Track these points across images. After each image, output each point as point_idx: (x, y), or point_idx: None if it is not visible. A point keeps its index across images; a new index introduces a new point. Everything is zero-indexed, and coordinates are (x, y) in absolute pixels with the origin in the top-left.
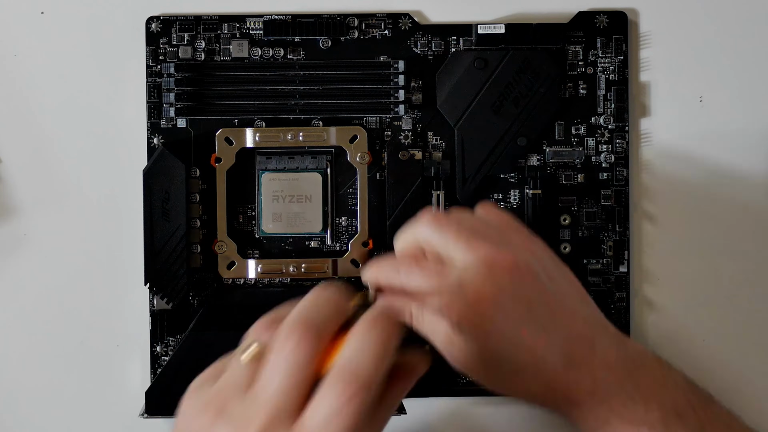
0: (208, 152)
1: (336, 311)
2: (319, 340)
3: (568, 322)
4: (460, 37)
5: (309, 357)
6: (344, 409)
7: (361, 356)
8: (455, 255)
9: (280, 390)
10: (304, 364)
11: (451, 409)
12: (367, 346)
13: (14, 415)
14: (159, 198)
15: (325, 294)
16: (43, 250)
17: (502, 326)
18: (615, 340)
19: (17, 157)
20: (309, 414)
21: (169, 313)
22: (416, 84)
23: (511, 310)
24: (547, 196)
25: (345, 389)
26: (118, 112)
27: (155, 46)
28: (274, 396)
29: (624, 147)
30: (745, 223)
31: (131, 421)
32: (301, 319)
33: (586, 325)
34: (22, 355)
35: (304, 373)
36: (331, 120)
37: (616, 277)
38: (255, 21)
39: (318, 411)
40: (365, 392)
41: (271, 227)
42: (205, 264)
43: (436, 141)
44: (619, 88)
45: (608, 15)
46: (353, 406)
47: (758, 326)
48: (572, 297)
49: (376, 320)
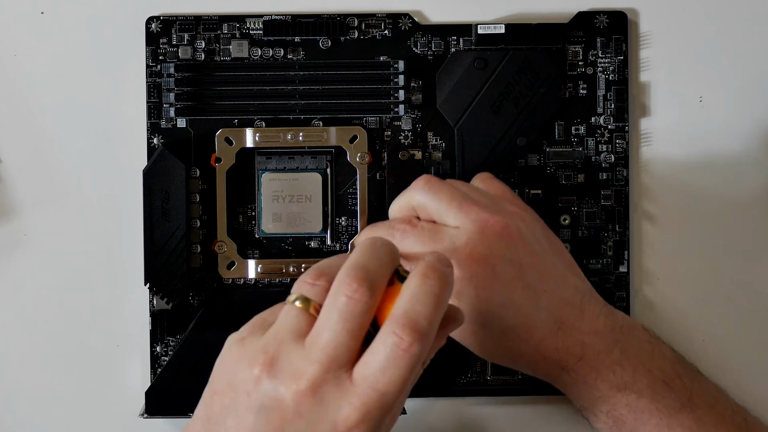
0: (208, 152)
1: (389, 262)
2: (374, 291)
3: (558, 288)
4: (460, 37)
5: (365, 306)
6: (401, 358)
7: (420, 306)
8: (448, 219)
9: (335, 339)
10: (360, 314)
11: (451, 409)
12: (424, 296)
13: (14, 415)
14: (159, 198)
15: (377, 245)
16: (43, 250)
17: (493, 287)
18: (604, 309)
19: (17, 157)
20: (364, 362)
21: (169, 313)
22: (416, 84)
23: (501, 271)
24: (547, 196)
25: (404, 338)
26: (118, 112)
27: (155, 46)
28: (330, 345)
29: (624, 147)
30: (745, 223)
31: (131, 421)
32: (357, 269)
33: (576, 293)
34: (22, 355)
35: (359, 322)
36: (331, 120)
37: (616, 277)
38: (255, 21)
39: (374, 359)
40: (423, 341)
41: (271, 227)
42: (205, 264)
43: (436, 141)
44: (619, 88)
45: (608, 15)
46: (410, 356)
47: (758, 326)
48: (562, 265)
49: (431, 270)
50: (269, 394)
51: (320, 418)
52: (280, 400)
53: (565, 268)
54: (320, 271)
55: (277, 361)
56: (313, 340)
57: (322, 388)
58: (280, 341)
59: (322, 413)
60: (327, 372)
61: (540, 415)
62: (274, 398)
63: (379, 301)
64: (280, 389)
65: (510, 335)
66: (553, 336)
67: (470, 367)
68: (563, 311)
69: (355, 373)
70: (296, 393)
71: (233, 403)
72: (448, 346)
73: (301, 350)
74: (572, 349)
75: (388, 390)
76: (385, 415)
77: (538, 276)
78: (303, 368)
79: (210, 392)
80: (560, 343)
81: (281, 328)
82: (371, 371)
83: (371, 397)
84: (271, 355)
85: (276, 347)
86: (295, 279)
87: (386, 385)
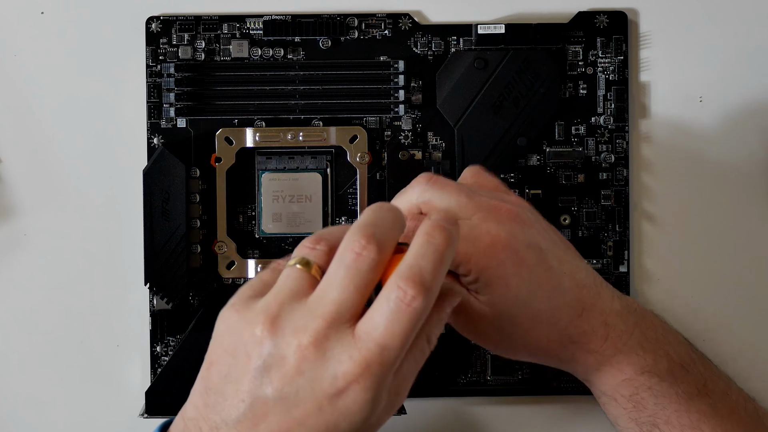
0: (208, 152)
1: (397, 225)
2: (381, 249)
3: (574, 270)
4: (460, 37)
5: (373, 263)
6: (405, 311)
7: (424, 261)
8: (459, 211)
9: (341, 294)
10: (367, 270)
11: (451, 409)
12: (429, 253)
13: (14, 415)
14: (159, 198)
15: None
16: (43, 250)
17: (520, 274)
18: (615, 292)
19: (17, 157)
20: (368, 317)
21: (169, 313)
22: (416, 84)
23: (525, 256)
24: (547, 196)
25: (408, 291)
26: (118, 112)
27: (155, 46)
28: (335, 300)
29: (624, 147)
30: (745, 223)
31: (131, 421)
32: (365, 229)
33: (589, 276)
34: (22, 355)
35: (366, 278)
36: (331, 120)
37: (616, 277)
38: (255, 21)
39: (378, 313)
40: (427, 296)
41: (271, 227)
42: (205, 264)
43: (436, 141)
44: (619, 88)
45: (608, 15)
46: (413, 310)
47: (758, 326)
48: (570, 250)
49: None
50: (271, 353)
51: (320, 374)
52: (281, 358)
53: (573, 253)
54: (320, 236)
55: (279, 319)
56: (317, 296)
57: (324, 343)
58: (281, 302)
59: (322, 369)
60: (330, 327)
61: (540, 415)
62: (275, 356)
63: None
64: (281, 346)
65: (538, 323)
66: (578, 318)
67: (470, 367)
68: (583, 293)
69: (357, 328)
70: (298, 348)
71: (232, 369)
72: (448, 346)
73: (304, 308)
74: (598, 330)
75: (390, 344)
76: (386, 372)
77: (557, 259)
78: (306, 323)
79: (207, 365)
80: (586, 325)
81: (282, 289)
82: (374, 325)
83: (373, 351)
84: (273, 315)
85: (278, 307)
86: None
87: (389, 339)
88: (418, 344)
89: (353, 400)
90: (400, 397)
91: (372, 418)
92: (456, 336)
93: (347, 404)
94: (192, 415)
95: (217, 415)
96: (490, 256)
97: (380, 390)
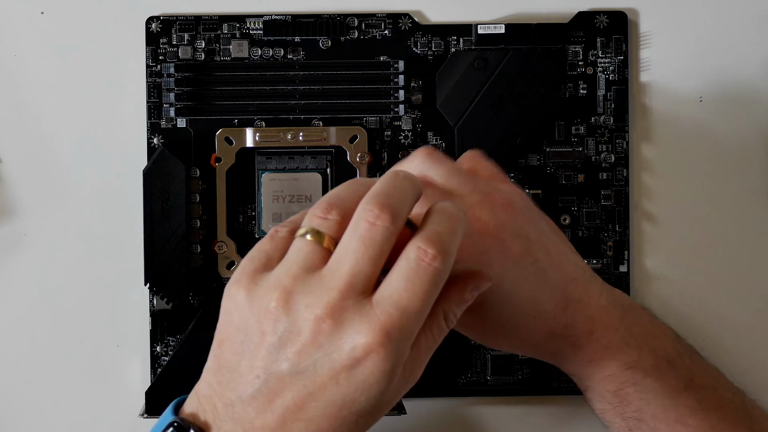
0: (208, 152)
1: (412, 194)
2: (396, 218)
3: (562, 263)
4: (460, 37)
5: (387, 233)
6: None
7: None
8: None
9: (356, 265)
10: (382, 240)
11: (451, 409)
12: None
13: (14, 415)
14: (159, 198)
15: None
16: (43, 250)
17: (504, 263)
18: (605, 286)
19: (17, 157)
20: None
21: (169, 313)
22: (416, 84)
23: (511, 246)
24: (547, 196)
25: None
26: (118, 113)
27: (155, 46)
28: (350, 272)
29: (624, 147)
30: (745, 223)
31: (131, 421)
32: (380, 197)
33: (578, 269)
34: (21, 355)
35: (381, 248)
36: (331, 120)
37: (616, 277)
38: (255, 21)
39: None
40: (446, 258)
41: (271, 227)
42: (205, 264)
43: (436, 141)
44: (619, 88)
45: (608, 15)
46: (433, 270)
47: (758, 326)
48: (561, 242)
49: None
50: (286, 328)
51: (338, 346)
52: (297, 333)
53: (564, 245)
54: (331, 203)
55: (293, 294)
56: (331, 268)
57: (341, 314)
58: (294, 275)
59: (339, 340)
60: (346, 298)
61: (540, 415)
62: (291, 332)
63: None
64: (297, 321)
65: (520, 314)
66: (562, 312)
67: (470, 367)
68: (569, 286)
69: (376, 294)
70: (314, 320)
71: (246, 346)
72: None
73: (318, 281)
74: (582, 324)
75: (410, 307)
76: (405, 339)
77: (544, 251)
78: (321, 296)
79: (218, 342)
80: (570, 319)
81: (293, 263)
82: (394, 288)
83: (392, 315)
84: (286, 290)
85: (291, 281)
86: None
87: (408, 302)
88: (435, 319)
89: (371, 372)
90: (415, 374)
91: (387, 393)
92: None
93: (365, 376)
94: (206, 393)
95: (232, 392)
96: (477, 243)
97: (398, 361)
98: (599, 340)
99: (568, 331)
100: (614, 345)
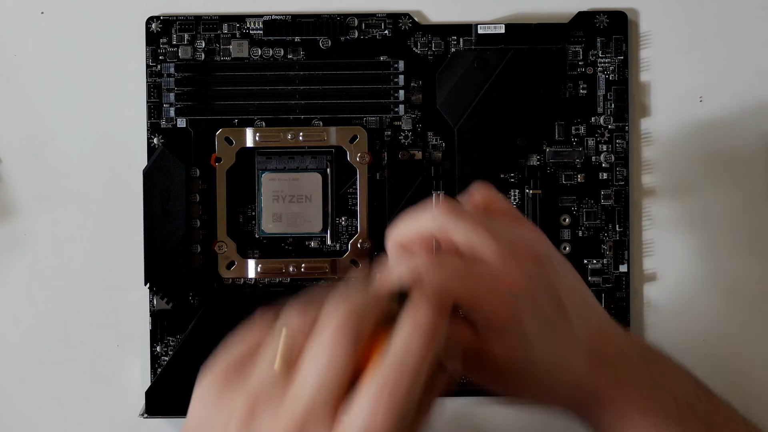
0: (208, 152)
1: (374, 306)
2: (357, 337)
3: (588, 315)
4: (460, 37)
5: (347, 353)
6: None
7: (407, 347)
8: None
9: (316, 390)
10: (342, 363)
11: (451, 409)
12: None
13: (14, 415)
14: (159, 198)
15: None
16: (43, 250)
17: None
18: (623, 333)
19: (17, 157)
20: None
21: (169, 313)
22: (416, 84)
23: (541, 302)
24: (547, 196)
25: (390, 379)
26: (118, 112)
27: (155, 46)
28: (310, 398)
29: (624, 147)
30: (745, 223)
31: (131, 421)
32: (339, 315)
33: (600, 319)
34: (22, 355)
35: (342, 371)
36: (331, 120)
37: (616, 277)
38: (255, 21)
39: (364, 399)
40: (412, 379)
41: (271, 227)
42: (205, 264)
43: (436, 141)
44: (619, 88)
45: (608, 15)
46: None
47: (758, 326)
48: (584, 290)
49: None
50: None
51: None
52: None
53: (585, 291)
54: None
55: (253, 418)
56: (294, 391)
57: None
58: (256, 398)
59: None
60: (307, 423)
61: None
62: None
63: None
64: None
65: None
66: (585, 362)
67: None
68: (592, 336)
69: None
70: None
71: None
72: None
73: (280, 405)
74: (607, 377)
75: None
76: None
77: (572, 305)
78: (281, 421)
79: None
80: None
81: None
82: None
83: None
84: (248, 412)
85: (253, 403)
86: (295, 279)
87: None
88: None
89: None
90: None
91: None
92: None
93: None
94: None
95: None
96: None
97: None
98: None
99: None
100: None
